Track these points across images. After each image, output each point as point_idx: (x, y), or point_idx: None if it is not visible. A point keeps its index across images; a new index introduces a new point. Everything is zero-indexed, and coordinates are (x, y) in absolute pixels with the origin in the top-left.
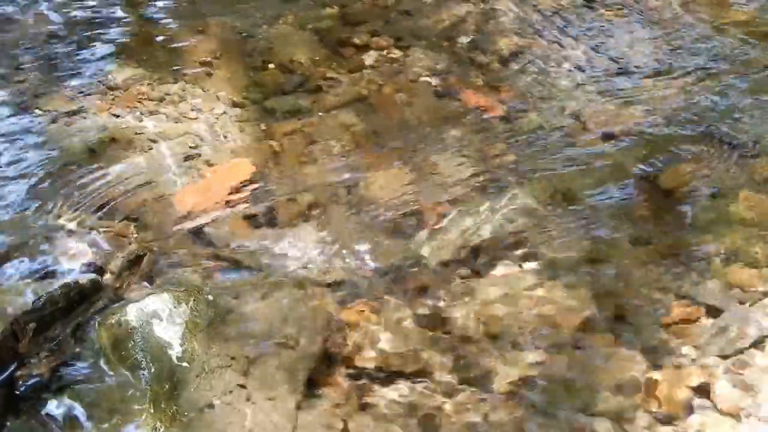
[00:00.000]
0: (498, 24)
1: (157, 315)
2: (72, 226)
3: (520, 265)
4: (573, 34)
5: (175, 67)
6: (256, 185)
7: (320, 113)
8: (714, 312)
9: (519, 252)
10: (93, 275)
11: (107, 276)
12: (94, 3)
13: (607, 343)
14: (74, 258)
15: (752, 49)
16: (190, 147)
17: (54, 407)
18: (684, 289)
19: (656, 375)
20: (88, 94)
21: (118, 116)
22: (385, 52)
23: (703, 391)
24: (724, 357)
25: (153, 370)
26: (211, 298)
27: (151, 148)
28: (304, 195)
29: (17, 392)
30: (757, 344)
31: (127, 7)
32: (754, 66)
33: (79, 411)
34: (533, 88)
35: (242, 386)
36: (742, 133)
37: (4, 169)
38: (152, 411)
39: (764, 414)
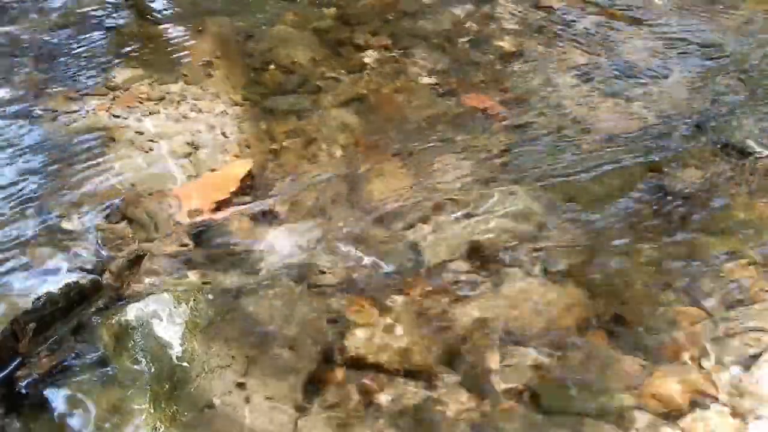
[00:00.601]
0: (498, 24)
1: (157, 315)
2: (72, 226)
3: (520, 265)
4: (573, 34)
5: (175, 67)
6: (256, 185)
7: (320, 113)
8: (714, 312)
9: (519, 252)
10: (93, 275)
11: (107, 276)
12: (94, 3)
13: (608, 343)
14: (74, 258)
15: (752, 50)
16: (190, 147)
17: (54, 407)
18: (685, 290)
19: (657, 375)
20: (88, 94)
21: (118, 116)
22: (385, 52)
23: (703, 391)
24: (725, 357)
25: (153, 370)
26: (211, 298)
27: (151, 148)
28: (304, 194)
29: (17, 392)
30: (757, 344)
31: (127, 7)
32: (755, 67)
33: (78, 411)
34: (533, 89)
35: (242, 386)
36: (743, 133)
37: (4, 168)
38: (152, 411)
39: (765, 414)
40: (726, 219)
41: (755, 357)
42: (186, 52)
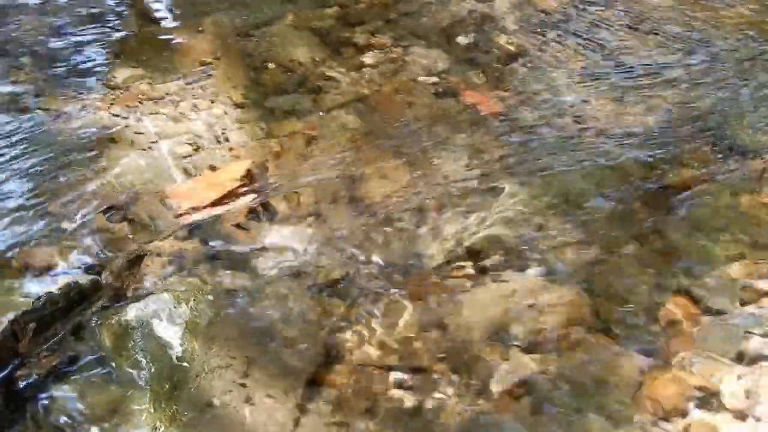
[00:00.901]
0: (498, 23)
1: (157, 315)
2: (72, 226)
3: (519, 265)
4: (573, 33)
5: (175, 67)
6: (255, 185)
7: (320, 113)
8: (714, 312)
9: (518, 251)
10: (93, 275)
11: (107, 276)
12: (94, 2)
13: (607, 343)
14: (74, 258)
15: (752, 48)
16: (190, 147)
17: (54, 407)
18: (684, 289)
19: (656, 375)
20: (88, 94)
21: (118, 116)
22: (385, 51)
23: (703, 391)
24: (725, 357)
25: (153, 370)
26: (211, 298)
27: (150, 148)
28: (304, 194)
29: (17, 392)
30: (757, 344)
31: (127, 6)
32: (754, 64)
33: (78, 411)
34: (533, 88)
35: (242, 386)
36: (743, 132)
37: (3, 168)
38: (152, 411)
39: (765, 413)
40: (726, 219)
41: (755, 357)
42: (186, 52)
